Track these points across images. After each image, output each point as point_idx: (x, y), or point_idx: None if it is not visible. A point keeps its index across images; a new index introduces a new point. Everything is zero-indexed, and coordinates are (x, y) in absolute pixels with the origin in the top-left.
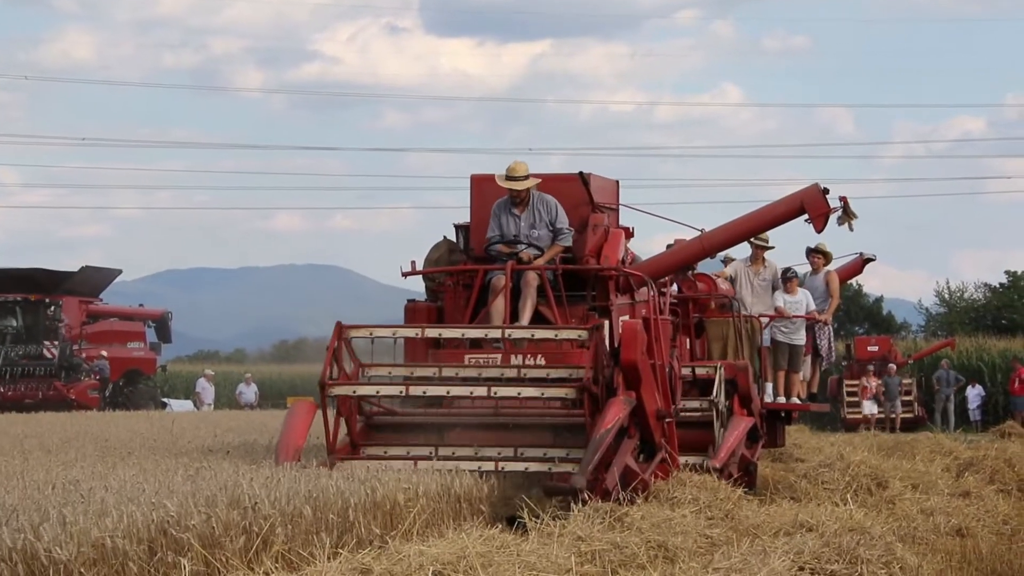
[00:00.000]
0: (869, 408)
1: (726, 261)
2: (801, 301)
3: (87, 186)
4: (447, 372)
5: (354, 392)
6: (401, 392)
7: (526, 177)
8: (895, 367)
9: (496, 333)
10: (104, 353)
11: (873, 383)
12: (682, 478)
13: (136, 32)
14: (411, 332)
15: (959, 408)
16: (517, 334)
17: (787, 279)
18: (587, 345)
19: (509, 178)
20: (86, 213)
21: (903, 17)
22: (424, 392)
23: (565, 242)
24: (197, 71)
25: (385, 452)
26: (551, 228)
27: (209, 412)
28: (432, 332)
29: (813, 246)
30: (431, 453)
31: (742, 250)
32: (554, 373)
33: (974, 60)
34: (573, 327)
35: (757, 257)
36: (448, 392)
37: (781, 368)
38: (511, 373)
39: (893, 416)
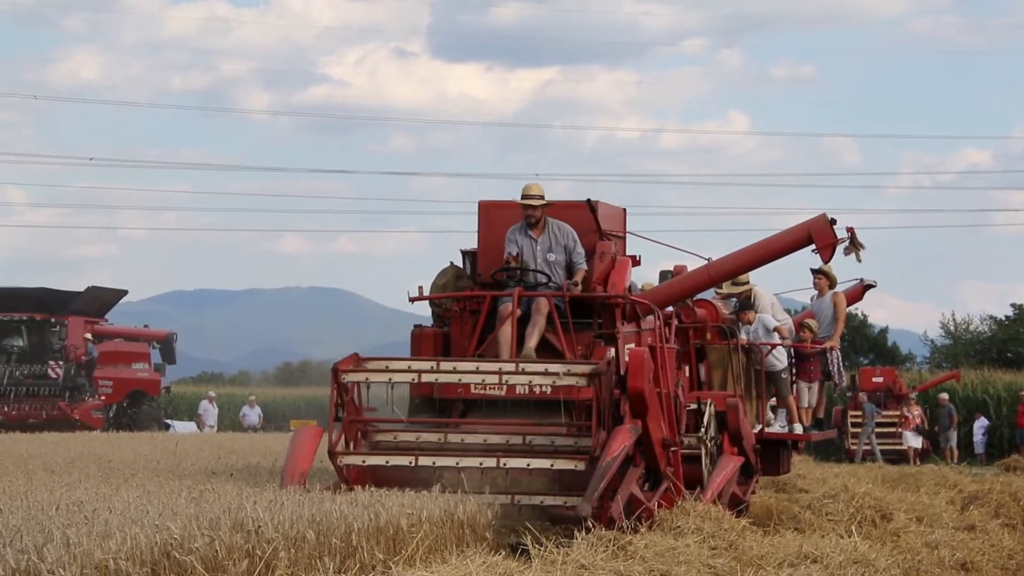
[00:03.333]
0: (912, 441)
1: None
2: (757, 328)
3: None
4: (449, 378)
5: (363, 462)
6: (411, 463)
7: (542, 198)
8: (947, 396)
9: (493, 379)
10: (89, 336)
11: (916, 412)
12: (686, 507)
13: (144, 53)
14: (408, 377)
15: (964, 440)
16: (515, 380)
17: (739, 311)
18: (591, 384)
19: (525, 197)
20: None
21: (910, 48)
22: (434, 463)
23: (582, 267)
24: (205, 93)
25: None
26: (568, 256)
27: (212, 434)
28: (429, 377)
29: (816, 268)
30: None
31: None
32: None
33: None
34: (576, 365)
35: (743, 294)
36: (458, 463)
37: (760, 396)
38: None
39: (948, 447)
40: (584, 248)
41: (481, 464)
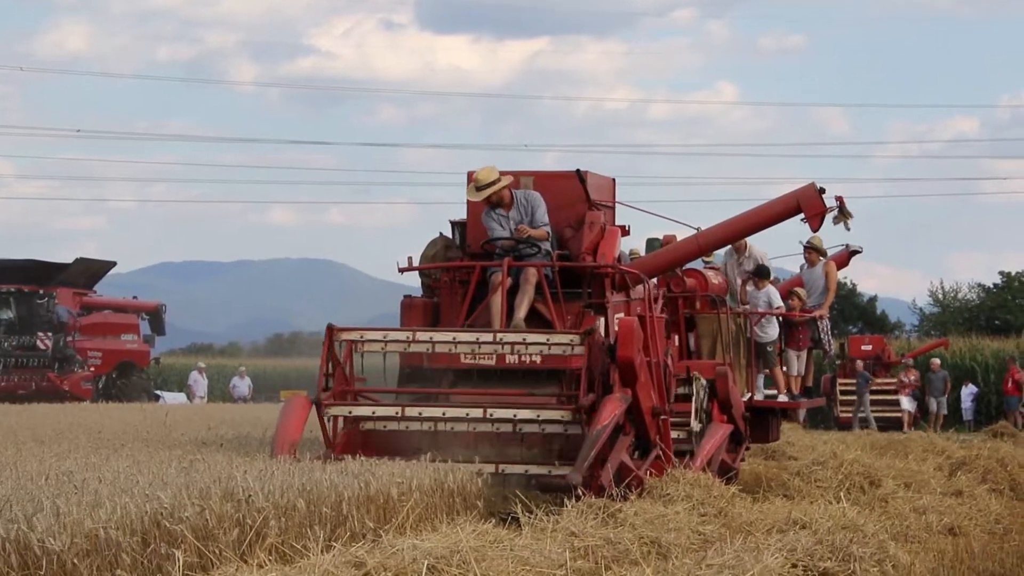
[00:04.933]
0: (907, 404)
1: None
2: (760, 297)
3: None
4: (441, 348)
5: (350, 412)
6: (397, 413)
7: (497, 179)
8: (939, 361)
9: (488, 338)
10: (71, 310)
11: (912, 377)
12: (676, 475)
13: (131, 24)
14: (401, 336)
15: (952, 407)
16: (508, 339)
17: (755, 276)
18: (580, 351)
19: (479, 190)
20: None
21: (899, 17)
22: (420, 413)
23: (545, 227)
24: (192, 64)
25: (384, 427)
26: (530, 220)
27: (202, 405)
28: (423, 336)
29: (807, 242)
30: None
31: None
32: (547, 351)
33: (969, 61)
34: (566, 332)
35: (739, 246)
36: (444, 414)
37: (750, 365)
38: (505, 351)
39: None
40: (574, 218)
41: (468, 415)
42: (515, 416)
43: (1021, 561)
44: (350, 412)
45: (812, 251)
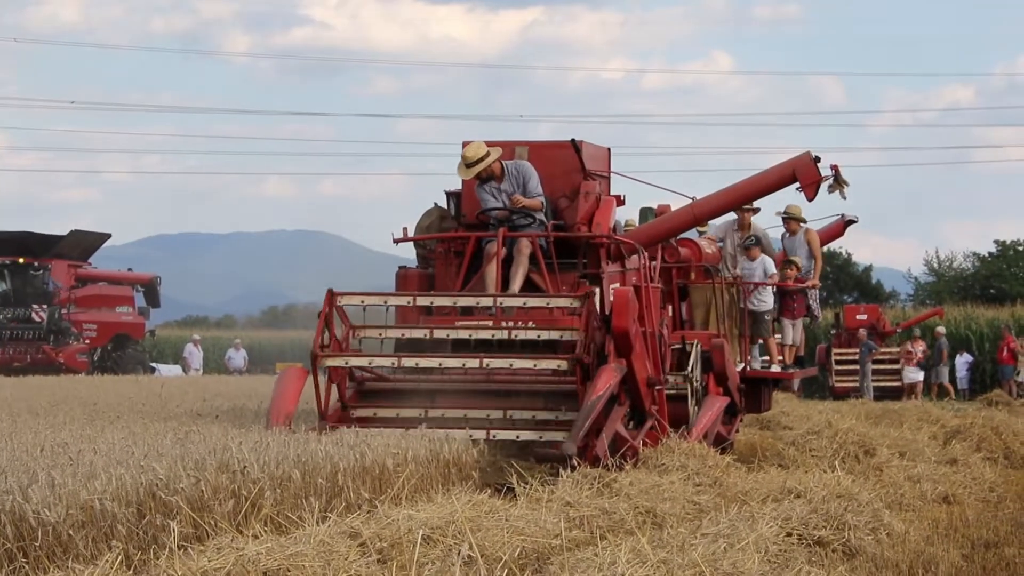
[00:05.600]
0: (912, 375)
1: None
2: (756, 268)
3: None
4: (438, 334)
5: (346, 363)
6: (393, 364)
7: (486, 154)
8: (943, 329)
9: (488, 301)
10: (58, 283)
11: (919, 348)
12: (671, 445)
13: None
14: (403, 300)
15: (948, 376)
16: (508, 302)
17: (747, 247)
18: (579, 313)
19: (468, 167)
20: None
21: None
22: (417, 364)
23: (539, 197)
24: (186, 35)
25: (374, 414)
26: (523, 190)
27: (198, 377)
28: (423, 300)
29: (784, 212)
30: (421, 415)
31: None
32: (544, 335)
33: (963, 29)
34: (564, 295)
35: (744, 223)
36: (440, 364)
37: (752, 335)
38: (501, 335)
39: (940, 383)
40: (569, 188)
41: (464, 365)
42: (511, 365)
43: (1016, 529)
44: (346, 362)
45: (791, 220)
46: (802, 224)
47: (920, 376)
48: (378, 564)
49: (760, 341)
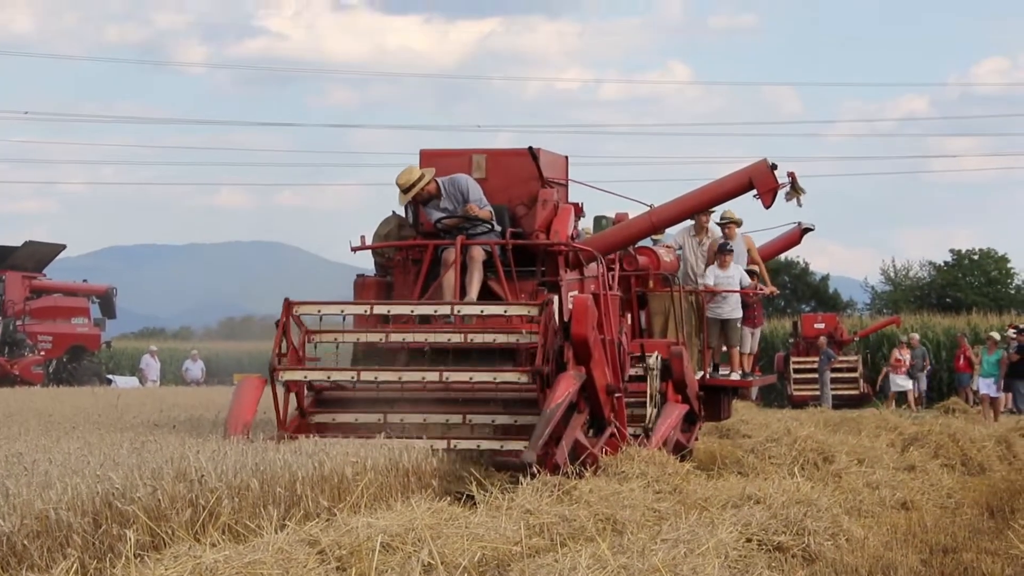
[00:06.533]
0: (902, 383)
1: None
2: (734, 276)
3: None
4: (394, 337)
5: (305, 377)
6: (352, 378)
7: (420, 177)
8: (917, 337)
9: (445, 309)
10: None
11: (907, 355)
12: (631, 453)
13: (78, 4)
14: (360, 308)
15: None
16: (466, 310)
17: (723, 253)
18: (537, 321)
19: (405, 192)
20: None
21: None
22: (376, 377)
23: (487, 208)
24: (141, 46)
25: (333, 420)
26: (465, 201)
27: (155, 388)
28: (381, 308)
29: (722, 217)
30: (380, 420)
31: None
32: (502, 338)
33: (918, 40)
34: (522, 303)
35: (701, 227)
36: (400, 378)
37: (712, 345)
38: (457, 338)
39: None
40: (527, 196)
41: (424, 379)
42: (471, 379)
43: (973, 534)
44: (305, 376)
45: (732, 224)
46: (738, 229)
47: (909, 384)
48: (337, 571)
49: (724, 350)
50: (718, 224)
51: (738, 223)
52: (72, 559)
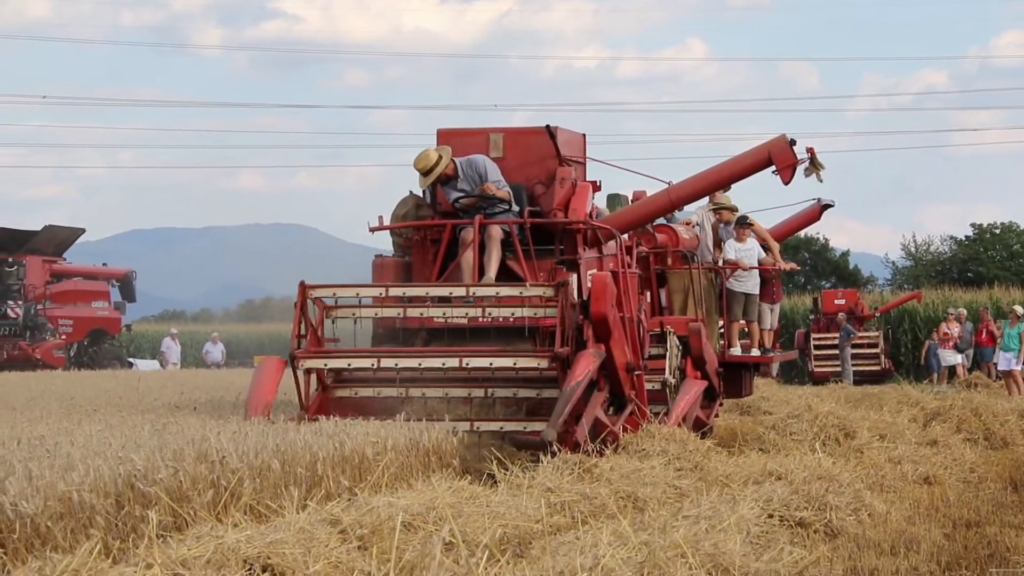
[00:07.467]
0: (951, 358)
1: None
2: (753, 249)
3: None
4: (412, 313)
5: (325, 365)
6: (373, 364)
7: (438, 160)
8: (964, 311)
9: (461, 291)
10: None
11: (955, 329)
12: (651, 430)
13: None
14: (376, 291)
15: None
16: (483, 291)
17: (742, 226)
18: (554, 302)
19: (425, 175)
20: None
21: None
22: (396, 364)
23: (504, 188)
24: (158, 29)
25: (355, 394)
26: (483, 181)
27: (175, 371)
28: (396, 291)
29: (712, 204)
30: (401, 394)
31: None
32: (519, 312)
33: (937, 13)
34: (538, 284)
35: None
36: (420, 364)
37: (736, 319)
38: (475, 313)
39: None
40: (544, 174)
41: (444, 364)
42: (491, 364)
43: (996, 508)
44: (325, 364)
45: (724, 211)
46: (735, 213)
47: (959, 359)
48: (359, 550)
49: (744, 325)
50: (711, 210)
51: (733, 210)
52: (95, 540)
